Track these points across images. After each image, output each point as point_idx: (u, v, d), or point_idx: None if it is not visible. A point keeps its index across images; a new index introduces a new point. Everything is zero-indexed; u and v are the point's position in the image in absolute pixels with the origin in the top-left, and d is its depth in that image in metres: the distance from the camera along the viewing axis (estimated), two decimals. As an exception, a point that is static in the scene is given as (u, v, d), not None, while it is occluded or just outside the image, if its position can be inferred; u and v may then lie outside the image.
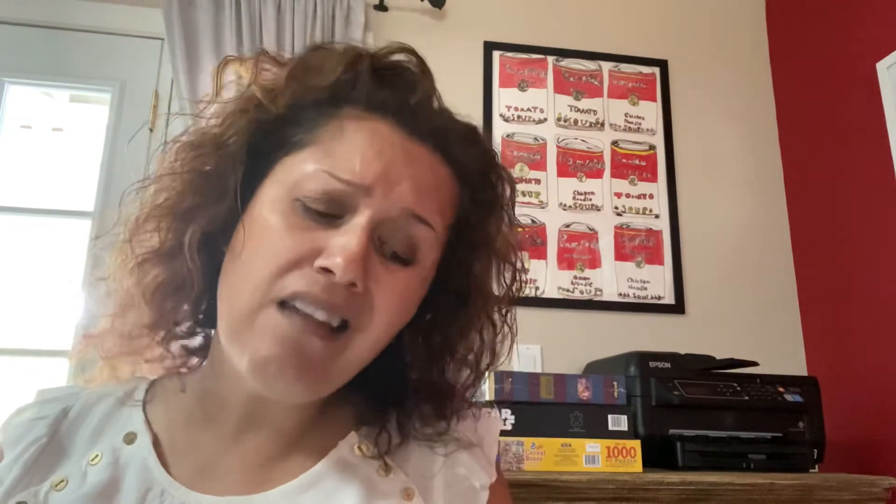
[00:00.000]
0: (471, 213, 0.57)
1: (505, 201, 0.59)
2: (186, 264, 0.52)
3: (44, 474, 0.53)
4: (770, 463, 1.40)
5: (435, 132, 0.55)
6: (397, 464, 0.56)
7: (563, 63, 2.04)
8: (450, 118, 0.58)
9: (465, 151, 0.56)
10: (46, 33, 1.85)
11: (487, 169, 0.58)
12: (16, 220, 1.84)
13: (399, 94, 0.55)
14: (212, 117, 0.55)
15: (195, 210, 0.53)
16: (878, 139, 1.70)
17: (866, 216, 1.75)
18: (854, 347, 1.75)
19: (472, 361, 0.59)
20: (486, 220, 0.58)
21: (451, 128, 0.56)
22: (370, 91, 0.54)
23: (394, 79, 0.55)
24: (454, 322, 0.58)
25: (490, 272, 0.59)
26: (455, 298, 0.58)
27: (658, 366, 1.45)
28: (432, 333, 0.58)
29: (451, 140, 0.56)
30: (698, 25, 2.16)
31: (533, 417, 1.28)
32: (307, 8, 1.81)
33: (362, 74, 0.54)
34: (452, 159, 0.56)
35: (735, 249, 1.98)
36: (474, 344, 0.59)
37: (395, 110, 0.54)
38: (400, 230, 0.51)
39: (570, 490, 1.19)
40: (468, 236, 0.57)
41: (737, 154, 2.07)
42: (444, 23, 2.01)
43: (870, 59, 1.75)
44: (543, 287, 1.85)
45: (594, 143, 1.99)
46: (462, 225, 0.57)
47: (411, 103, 0.55)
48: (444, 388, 0.59)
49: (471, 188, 0.57)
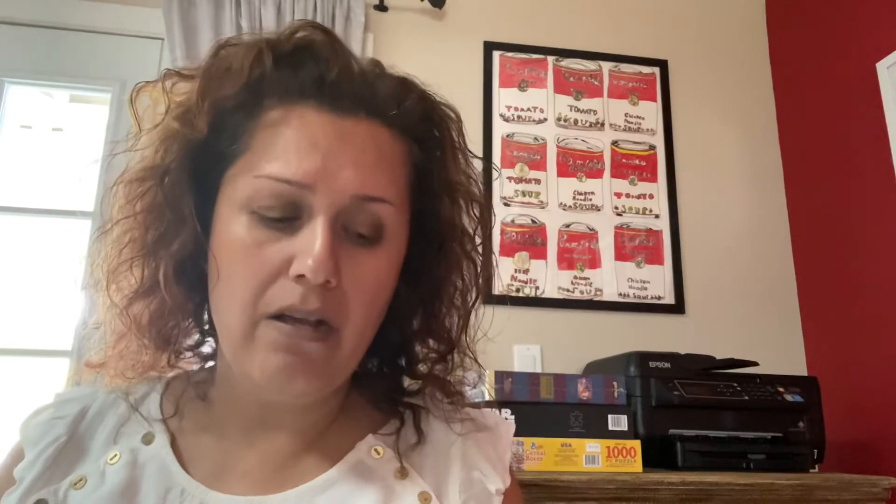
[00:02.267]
0: (423, 160, 0.57)
1: (453, 138, 0.59)
2: (169, 295, 0.53)
3: (63, 473, 0.53)
4: (770, 463, 1.40)
5: (362, 99, 0.53)
6: (414, 467, 0.56)
7: (563, 63, 2.04)
8: (376, 78, 0.56)
9: (400, 106, 0.55)
10: (46, 33, 1.85)
11: (427, 114, 0.57)
12: (16, 221, 1.84)
13: (313, 74, 0.53)
14: (144, 149, 0.54)
15: (160, 244, 0.53)
16: (878, 139, 1.70)
17: (866, 216, 1.75)
18: (854, 347, 1.75)
19: (459, 302, 0.60)
20: (440, 163, 0.58)
21: (378, 89, 0.54)
22: (283, 80, 0.52)
23: (303, 59, 0.54)
24: (436, 266, 0.59)
25: (457, 211, 0.59)
26: (432, 244, 0.58)
27: (658, 366, 1.45)
28: (420, 282, 0.59)
29: (382, 100, 0.54)
30: (698, 25, 2.16)
31: (533, 417, 1.28)
32: (307, 8, 1.81)
33: (269, 66, 0.52)
34: (391, 120, 0.54)
35: (735, 249, 1.98)
36: (458, 283, 0.60)
37: (314, 92, 0.52)
38: (358, 214, 0.51)
39: (570, 490, 1.19)
40: (429, 184, 0.57)
41: (737, 154, 2.07)
42: (444, 23, 2.01)
43: (870, 59, 1.75)
44: (543, 287, 1.85)
45: (594, 143, 1.99)
46: (420, 176, 0.57)
47: (329, 79, 0.53)
48: (443, 334, 0.60)
49: (417, 139, 0.56)
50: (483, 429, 0.60)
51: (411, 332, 0.61)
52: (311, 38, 0.54)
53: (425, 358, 0.61)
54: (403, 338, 0.61)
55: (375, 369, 0.63)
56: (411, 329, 0.61)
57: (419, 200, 0.57)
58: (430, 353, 0.61)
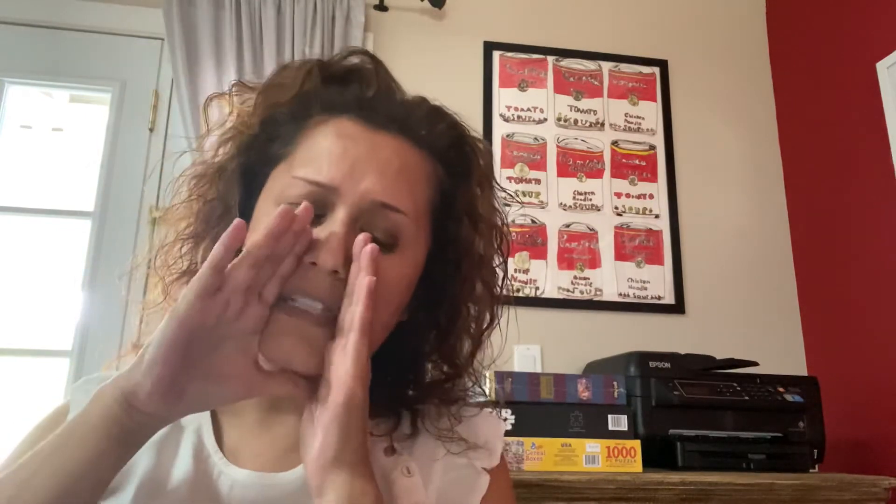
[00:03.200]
0: (449, 185, 0.61)
1: (480, 168, 0.63)
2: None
3: None
4: (770, 463, 1.40)
5: (396, 119, 0.58)
6: (404, 450, 0.60)
7: (563, 63, 2.04)
8: (413, 104, 0.61)
9: (431, 130, 0.60)
10: (46, 33, 1.85)
11: (456, 142, 0.62)
12: (16, 220, 1.84)
13: (355, 92, 0.60)
14: (209, 150, 0.62)
15: (208, 232, 0.60)
16: (878, 139, 1.70)
17: (866, 216, 1.75)
18: (854, 347, 1.75)
19: (473, 328, 0.63)
20: (465, 189, 0.62)
21: (413, 112, 0.60)
22: (329, 95, 0.60)
23: (348, 79, 0.62)
24: (453, 289, 0.62)
25: (476, 236, 0.62)
26: (450, 267, 0.61)
27: (658, 366, 1.45)
28: (435, 304, 0.62)
29: (415, 123, 0.59)
30: (698, 25, 2.16)
31: (533, 417, 1.29)
32: (307, 8, 1.81)
33: (318, 82, 0.61)
34: (420, 140, 0.59)
35: (735, 249, 1.98)
36: (473, 309, 0.63)
37: (354, 107, 0.58)
38: (375, 219, 0.54)
39: (570, 490, 1.19)
40: (452, 207, 0.61)
41: (737, 154, 2.07)
42: (444, 23, 2.01)
43: (870, 59, 1.75)
44: (543, 287, 1.85)
45: (594, 143, 1.99)
46: (445, 199, 0.61)
47: (368, 97, 0.60)
48: (453, 359, 0.63)
49: (445, 163, 0.61)
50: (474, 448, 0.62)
51: (423, 353, 0.64)
52: (359, 64, 0.63)
53: (432, 379, 0.64)
54: (414, 356, 0.64)
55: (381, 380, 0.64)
56: (423, 350, 0.64)
57: (442, 223, 0.61)
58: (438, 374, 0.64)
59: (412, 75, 2.34)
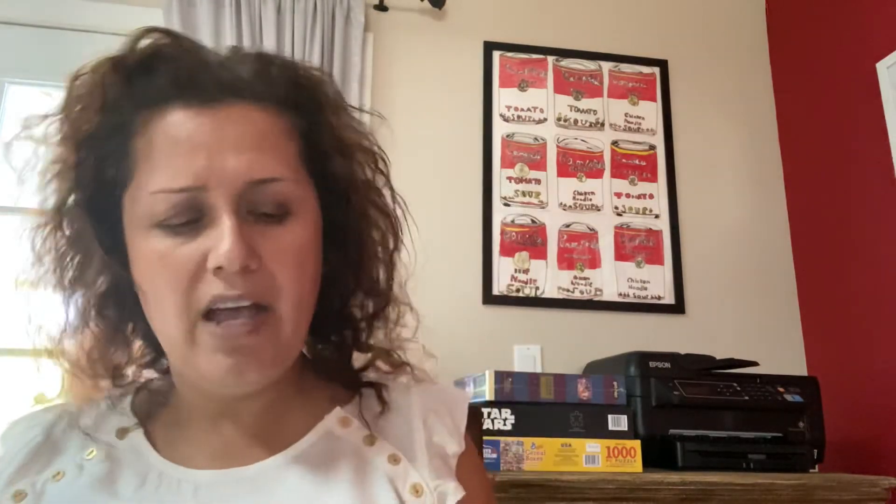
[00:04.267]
0: (306, 127, 0.57)
1: (328, 97, 0.59)
2: (100, 327, 0.56)
3: (41, 467, 0.56)
4: (770, 463, 1.40)
5: (225, 86, 0.53)
6: (381, 434, 0.59)
7: (563, 63, 2.04)
8: (234, 62, 0.56)
9: (265, 81, 0.55)
10: (46, 33, 1.85)
11: (295, 81, 0.57)
12: (15, 221, 1.83)
13: (167, 76, 0.53)
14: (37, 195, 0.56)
15: (77, 283, 0.56)
16: (878, 139, 1.70)
17: (866, 216, 1.75)
18: (854, 347, 1.75)
19: (382, 253, 0.62)
20: (322, 124, 0.58)
21: (238, 71, 0.55)
22: (140, 91, 0.53)
23: (152, 66, 0.54)
24: (350, 223, 0.60)
25: (353, 165, 0.60)
26: (341, 203, 0.59)
27: (658, 366, 1.45)
28: (341, 242, 0.60)
29: (246, 81, 0.54)
30: (698, 25, 2.16)
31: (533, 417, 1.29)
32: (307, 8, 1.81)
33: (120, 81, 0.53)
34: (259, 97, 0.54)
35: (735, 249, 1.98)
36: (376, 234, 0.62)
37: (175, 92, 0.52)
38: (257, 197, 0.51)
39: (570, 490, 1.19)
40: (318, 148, 0.58)
41: (737, 154, 2.07)
42: (444, 23, 2.01)
43: (870, 59, 1.75)
44: (543, 287, 1.85)
45: (594, 143, 1.99)
46: (309, 142, 0.57)
47: (184, 77, 0.53)
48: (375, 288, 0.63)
49: (294, 106, 0.56)
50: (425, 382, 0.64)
51: (346, 297, 0.62)
52: (155, 44, 0.54)
53: (365, 318, 0.63)
54: (341, 303, 0.62)
55: (323, 346, 0.65)
56: (346, 293, 0.62)
57: (316, 166, 0.57)
58: (367, 311, 0.63)
59: (412, 75, 2.34)
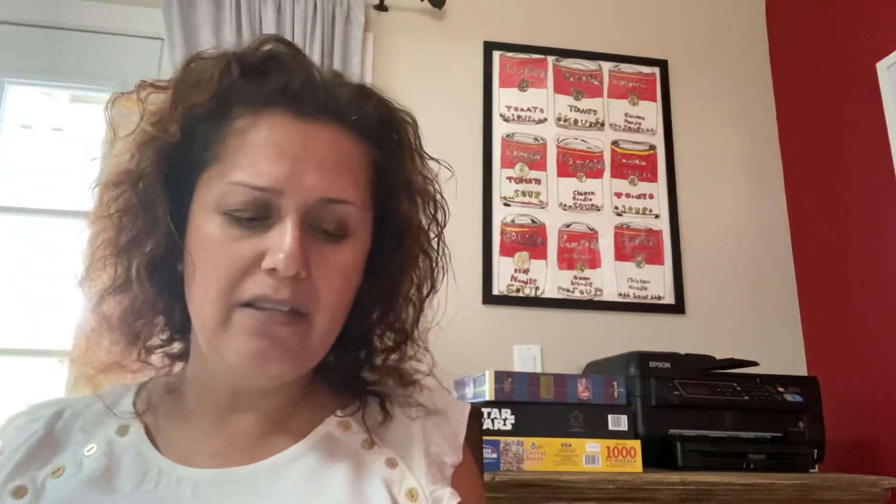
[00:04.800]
0: (384, 163, 0.61)
1: (410, 141, 0.63)
2: (140, 292, 0.57)
3: (41, 463, 0.57)
4: (770, 463, 1.40)
5: (324, 106, 0.57)
6: (380, 440, 0.61)
7: (563, 63, 2.04)
8: (336, 86, 0.60)
9: (360, 111, 0.59)
10: (46, 33, 1.85)
11: (385, 118, 0.61)
12: (16, 221, 1.84)
13: (278, 83, 0.57)
14: (120, 154, 0.57)
15: (133, 244, 0.57)
16: (878, 139, 1.70)
17: (866, 216, 1.75)
18: (854, 347, 1.75)
19: (415, 295, 0.65)
20: (399, 164, 0.62)
21: (339, 95, 0.58)
22: (250, 89, 0.57)
23: (268, 70, 0.58)
24: (395, 261, 0.63)
25: (414, 209, 0.63)
26: (393, 240, 0.63)
27: (658, 366, 1.45)
28: (380, 276, 0.63)
29: (343, 106, 0.58)
30: (698, 25, 2.16)
31: (533, 417, 1.28)
32: (307, 8, 1.81)
33: (236, 76, 0.57)
34: (352, 125, 0.58)
35: (735, 249, 1.98)
36: (414, 277, 0.65)
37: (280, 99, 0.56)
38: (323, 214, 0.55)
39: (570, 490, 1.19)
40: (388, 184, 0.61)
41: (737, 154, 2.07)
42: (444, 23, 2.01)
43: (870, 59, 1.75)
44: (543, 287, 1.85)
45: (594, 143, 1.99)
46: (381, 176, 0.61)
47: (293, 87, 0.57)
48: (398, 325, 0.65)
49: (376, 142, 0.60)
50: (434, 413, 0.65)
51: (370, 324, 0.65)
52: (275, 51, 0.59)
53: (383, 349, 0.65)
54: (363, 329, 0.65)
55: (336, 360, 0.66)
56: (370, 321, 0.65)
57: (381, 199, 0.61)
58: (386, 342, 0.65)
59: (412, 75, 2.34)
